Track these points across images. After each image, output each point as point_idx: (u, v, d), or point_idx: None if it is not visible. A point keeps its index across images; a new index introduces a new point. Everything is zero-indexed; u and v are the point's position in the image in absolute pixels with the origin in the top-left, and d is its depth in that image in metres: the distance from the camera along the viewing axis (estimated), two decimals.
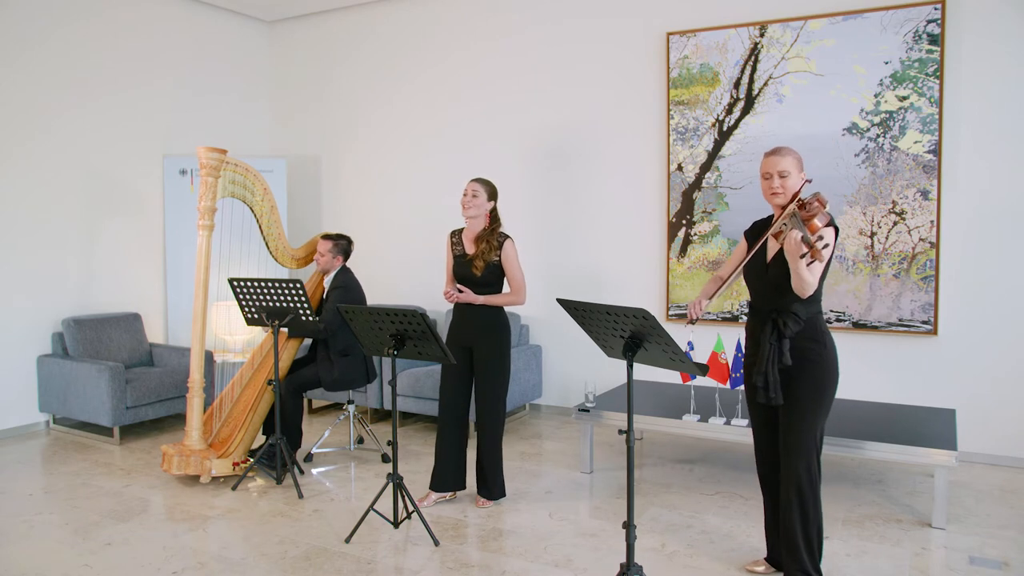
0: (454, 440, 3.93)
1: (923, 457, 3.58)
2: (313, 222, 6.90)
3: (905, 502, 3.92)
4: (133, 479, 4.42)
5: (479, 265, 3.81)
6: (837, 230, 2.79)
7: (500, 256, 3.85)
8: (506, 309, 3.98)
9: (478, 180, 3.89)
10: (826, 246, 2.67)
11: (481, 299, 3.82)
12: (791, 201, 2.74)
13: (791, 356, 2.79)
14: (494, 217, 3.92)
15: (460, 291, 3.82)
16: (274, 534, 3.59)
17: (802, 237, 2.56)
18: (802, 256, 2.57)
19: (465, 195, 3.86)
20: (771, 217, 2.96)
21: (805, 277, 2.64)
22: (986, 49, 4.44)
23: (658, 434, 5.12)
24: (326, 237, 4.65)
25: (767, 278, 2.86)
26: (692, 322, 2.93)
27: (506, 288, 3.95)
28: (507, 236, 3.90)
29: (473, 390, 3.95)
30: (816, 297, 2.81)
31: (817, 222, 2.64)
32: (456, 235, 3.99)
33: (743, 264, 2.91)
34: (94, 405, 5.07)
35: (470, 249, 3.89)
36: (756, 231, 3.02)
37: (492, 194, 3.90)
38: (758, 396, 2.85)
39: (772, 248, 2.86)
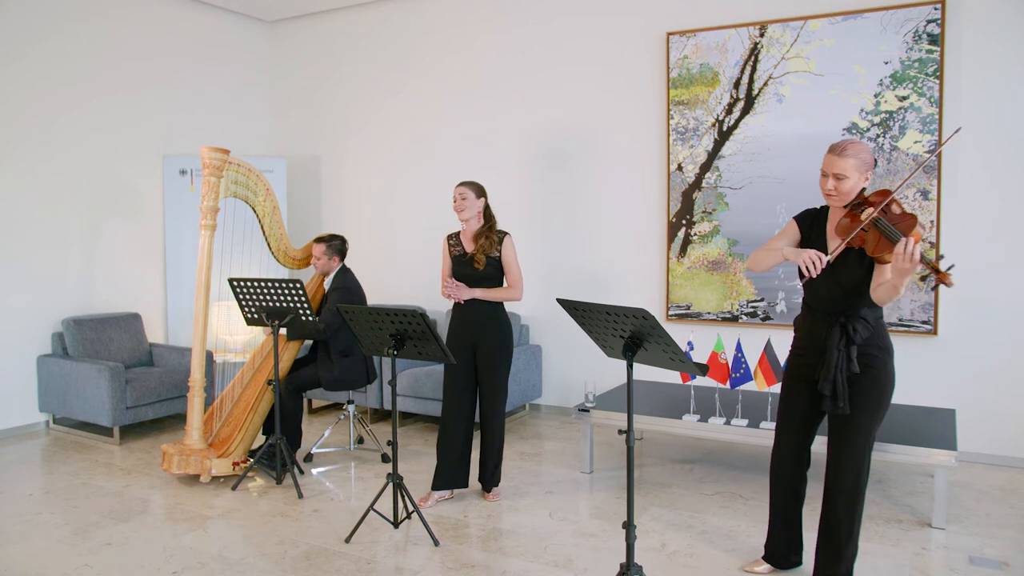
0: (463, 439, 3.95)
1: (923, 457, 3.58)
2: (313, 222, 6.90)
3: (905, 502, 3.92)
4: (133, 479, 4.42)
5: (480, 259, 3.87)
6: None
7: (500, 252, 3.92)
8: (507, 308, 4.01)
9: (464, 184, 3.96)
10: (951, 267, 2.44)
11: (478, 292, 3.87)
12: (865, 204, 2.57)
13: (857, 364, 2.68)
14: (488, 214, 3.99)
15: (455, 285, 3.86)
16: (274, 534, 3.59)
17: (922, 256, 2.36)
18: (924, 278, 2.42)
19: (455, 201, 3.93)
20: (824, 208, 2.80)
21: (902, 291, 2.48)
22: (986, 49, 4.44)
23: (658, 434, 5.12)
24: (318, 240, 4.66)
25: (836, 281, 2.68)
26: (804, 276, 2.61)
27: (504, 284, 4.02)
28: (506, 233, 3.98)
29: (478, 387, 3.99)
30: None
31: (919, 230, 2.43)
32: (454, 237, 4.04)
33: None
34: (94, 405, 5.07)
35: (469, 247, 3.95)
36: (810, 222, 2.82)
37: (480, 192, 3.95)
38: (823, 405, 2.74)
39: (835, 247, 2.67)
